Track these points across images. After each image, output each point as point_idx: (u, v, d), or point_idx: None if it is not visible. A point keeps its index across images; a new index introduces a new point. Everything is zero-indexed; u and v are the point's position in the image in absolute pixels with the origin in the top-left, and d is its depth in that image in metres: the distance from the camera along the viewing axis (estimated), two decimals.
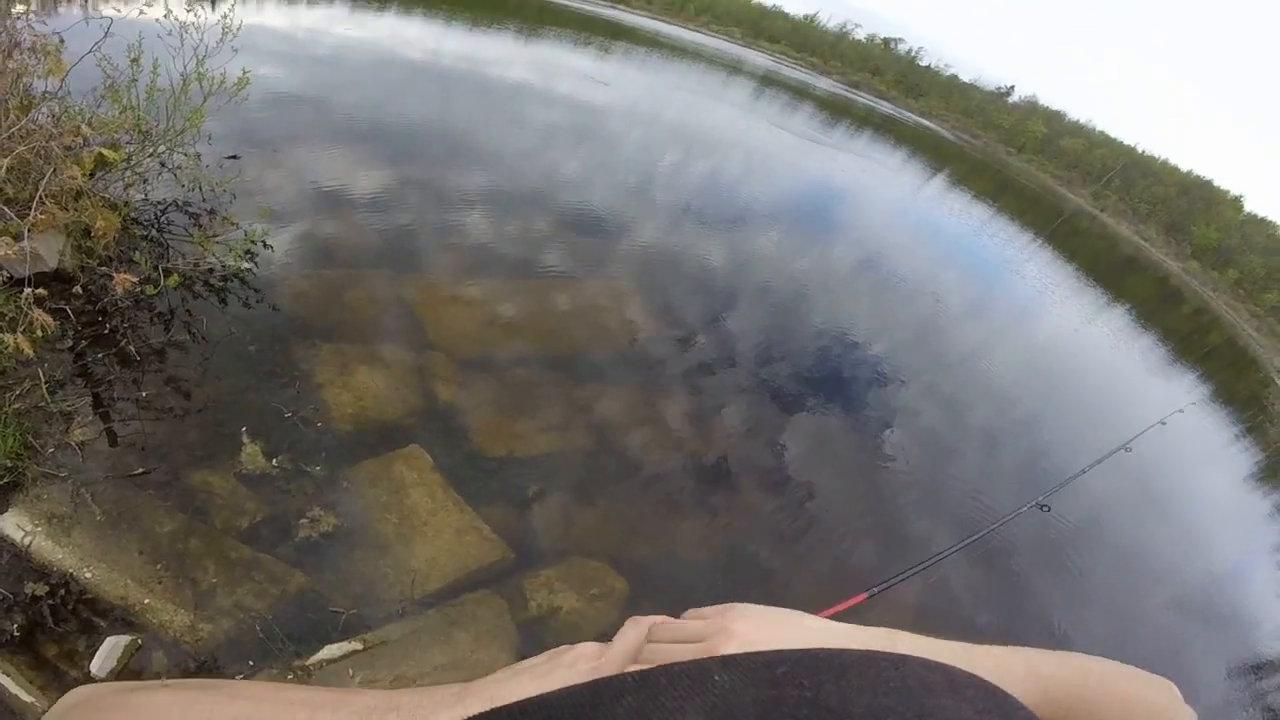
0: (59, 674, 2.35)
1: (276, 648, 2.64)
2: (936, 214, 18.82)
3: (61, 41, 4.04)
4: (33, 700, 2.17)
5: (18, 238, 3.31)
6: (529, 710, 0.40)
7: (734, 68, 30.45)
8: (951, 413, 7.18)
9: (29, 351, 3.10)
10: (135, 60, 4.34)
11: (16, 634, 2.42)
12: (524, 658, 0.53)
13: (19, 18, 3.89)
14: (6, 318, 3.27)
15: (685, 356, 5.95)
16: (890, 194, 18.57)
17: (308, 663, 2.59)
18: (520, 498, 3.87)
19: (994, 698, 0.37)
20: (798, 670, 0.37)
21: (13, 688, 2.23)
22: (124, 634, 2.48)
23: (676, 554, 3.97)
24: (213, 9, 4.72)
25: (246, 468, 3.33)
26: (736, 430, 5.32)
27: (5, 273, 3.47)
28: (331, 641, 2.71)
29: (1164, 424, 4.73)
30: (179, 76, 4.44)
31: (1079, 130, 57.39)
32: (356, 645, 2.73)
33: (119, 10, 4.33)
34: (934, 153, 32.96)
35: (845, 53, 55.84)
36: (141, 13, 4.29)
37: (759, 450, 5.22)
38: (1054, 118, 57.71)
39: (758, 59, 38.26)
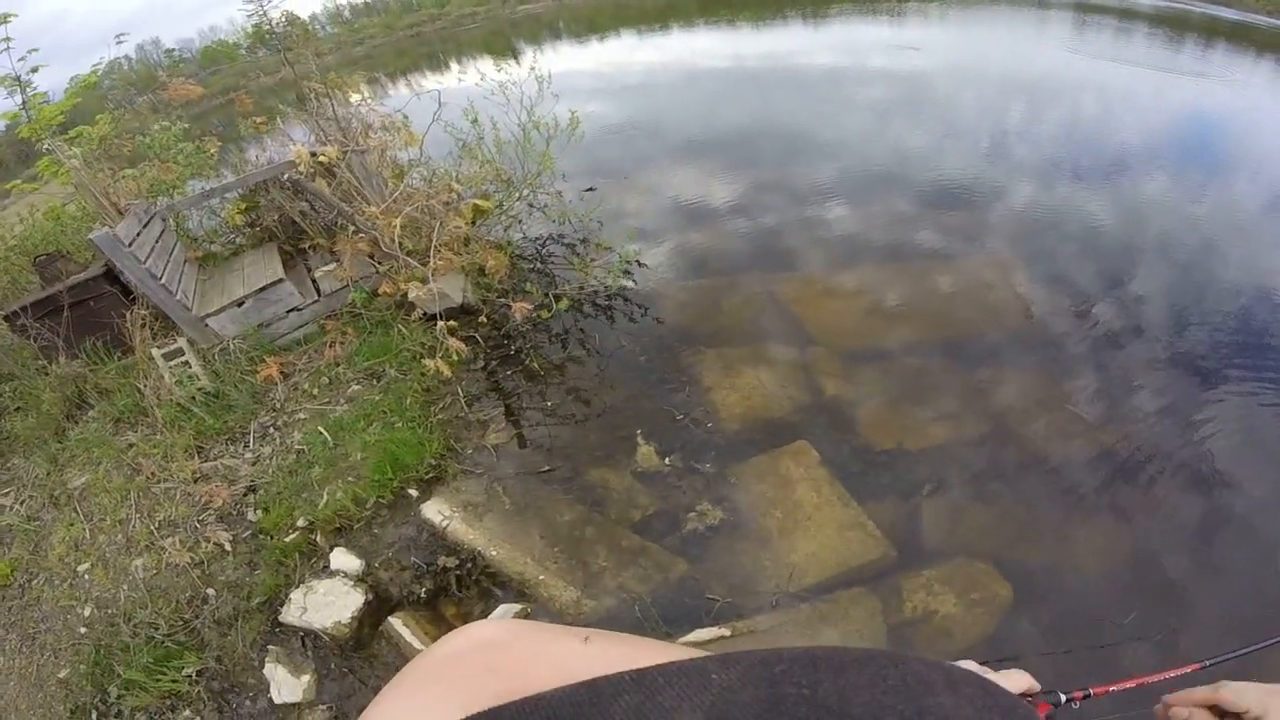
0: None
1: (650, 627, 2.66)
2: None
3: (405, 117, 4.89)
4: (424, 649, 2.28)
5: (424, 281, 3.88)
6: (529, 710, 0.39)
7: (1041, 2, 25.59)
8: None
9: (448, 373, 3.80)
10: (474, 121, 5.05)
11: (424, 596, 2.88)
12: None
13: (360, 104, 4.76)
14: (427, 346, 3.90)
15: (1086, 329, 4.59)
16: None
17: (676, 643, 2.31)
18: (909, 493, 3.37)
19: (992, 695, 0.37)
20: (795, 669, 0.37)
21: (408, 636, 2.60)
22: (516, 603, 2.72)
23: (1071, 561, 3.05)
24: (517, 65, 5.36)
25: (641, 466, 3.53)
26: (1149, 414, 3.84)
27: (420, 311, 4.15)
28: (702, 626, 2.66)
29: None
30: (517, 127, 5.03)
31: None
32: (725, 631, 2.65)
33: (440, 83, 5.15)
34: None
35: None
36: (460, 81, 5.04)
37: (1176, 439, 3.68)
38: None
39: None
